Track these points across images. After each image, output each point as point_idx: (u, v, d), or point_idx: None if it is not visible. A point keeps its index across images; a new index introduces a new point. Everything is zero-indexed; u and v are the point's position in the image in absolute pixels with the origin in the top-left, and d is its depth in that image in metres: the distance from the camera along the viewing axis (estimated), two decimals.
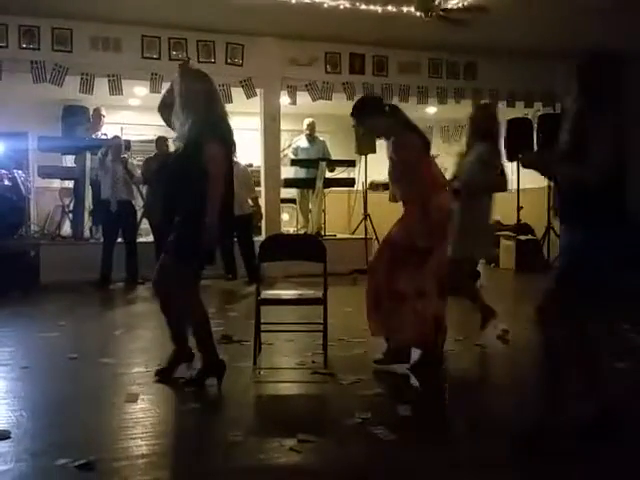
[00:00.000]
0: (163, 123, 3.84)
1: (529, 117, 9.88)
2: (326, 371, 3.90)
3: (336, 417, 3.15)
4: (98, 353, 4.27)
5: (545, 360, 2.91)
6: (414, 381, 3.83)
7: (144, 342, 4.76)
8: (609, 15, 7.08)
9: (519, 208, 9.79)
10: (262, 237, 8.57)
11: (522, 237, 9.60)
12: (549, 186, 9.55)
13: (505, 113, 9.96)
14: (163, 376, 3.64)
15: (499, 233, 10.20)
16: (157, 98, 3.86)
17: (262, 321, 4.14)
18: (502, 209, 10.62)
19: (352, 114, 4.10)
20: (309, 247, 4.39)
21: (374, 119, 4.03)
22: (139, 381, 3.67)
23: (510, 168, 7.71)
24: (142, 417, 3.10)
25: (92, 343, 4.73)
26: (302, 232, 9.56)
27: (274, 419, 3.22)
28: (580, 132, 2.74)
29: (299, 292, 4.50)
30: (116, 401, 3.33)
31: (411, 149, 3.96)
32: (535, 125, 9.72)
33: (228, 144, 3.64)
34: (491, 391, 3.78)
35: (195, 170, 3.46)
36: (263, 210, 8.67)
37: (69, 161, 8.95)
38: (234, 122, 3.71)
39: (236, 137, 3.70)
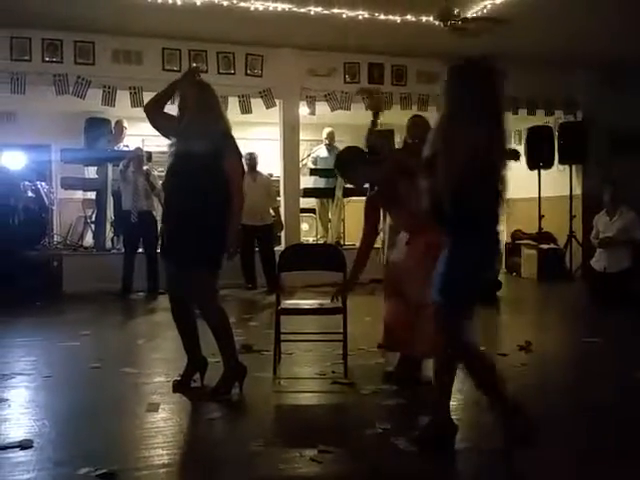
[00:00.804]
0: None
1: (550, 125, 9.82)
2: (346, 381, 3.88)
3: (357, 427, 3.13)
4: (120, 362, 4.30)
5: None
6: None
7: (165, 352, 4.78)
8: (629, 21, 7.04)
9: (540, 216, 9.70)
10: (282, 247, 8.60)
11: (544, 246, 9.52)
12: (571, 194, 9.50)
13: (525, 121, 9.93)
14: (180, 387, 3.65)
15: (521, 242, 10.13)
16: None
17: (282, 331, 4.14)
18: (524, 218, 10.58)
19: (337, 168, 4.09)
20: (329, 257, 4.40)
21: (361, 170, 3.96)
22: (160, 390, 3.68)
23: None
24: (163, 426, 3.11)
25: (114, 352, 4.76)
26: (322, 242, 9.57)
27: (294, 429, 3.21)
28: (438, 144, 2.66)
29: (319, 302, 4.49)
30: (138, 410, 3.34)
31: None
32: (556, 133, 9.66)
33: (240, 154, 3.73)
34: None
35: (216, 176, 3.51)
36: (283, 220, 8.69)
37: (91, 172, 9.06)
38: (254, 132, 3.77)
39: (256, 147, 3.77)
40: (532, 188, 9.75)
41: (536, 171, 9.71)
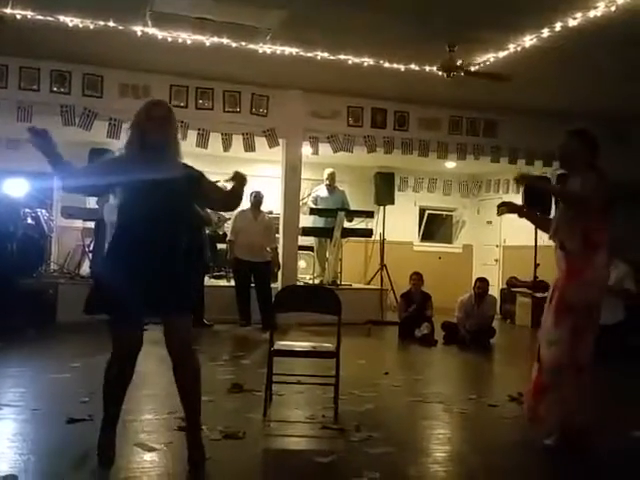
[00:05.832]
0: None
1: (548, 176, 9.92)
2: (336, 426, 3.87)
3: (345, 476, 3.11)
4: None
5: None
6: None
7: (155, 387, 4.73)
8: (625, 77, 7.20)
9: (536, 265, 9.75)
10: (278, 283, 8.61)
11: (538, 294, 9.53)
12: None
13: (524, 171, 10.05)
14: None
15: (516, 289, 10.16)
16: (183, 145, 3.72)
17: (274, 371, 4.14)
18: (519, 265, 10.61)
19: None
20: (324, 299, 4.42)
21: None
22: (147, 429, 3.66)
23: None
24: (149, 467, 3.09)
25: None
26: (318, 280, 9.60)
27: (282, 476, 3.18)
28: None
29: (312, 344, 4.50)
30: (123, 450, 3.30)
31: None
32: (554, 183, 9.76)
33: None
34: (503, 456, 3.70)
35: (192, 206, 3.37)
36: (280, 257, 8.70)
37: (92, 201, 9.10)
38: (257, 169, 3.50)
39: (258, 184, 3.53)
40: (528, 236, 9.81)
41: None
